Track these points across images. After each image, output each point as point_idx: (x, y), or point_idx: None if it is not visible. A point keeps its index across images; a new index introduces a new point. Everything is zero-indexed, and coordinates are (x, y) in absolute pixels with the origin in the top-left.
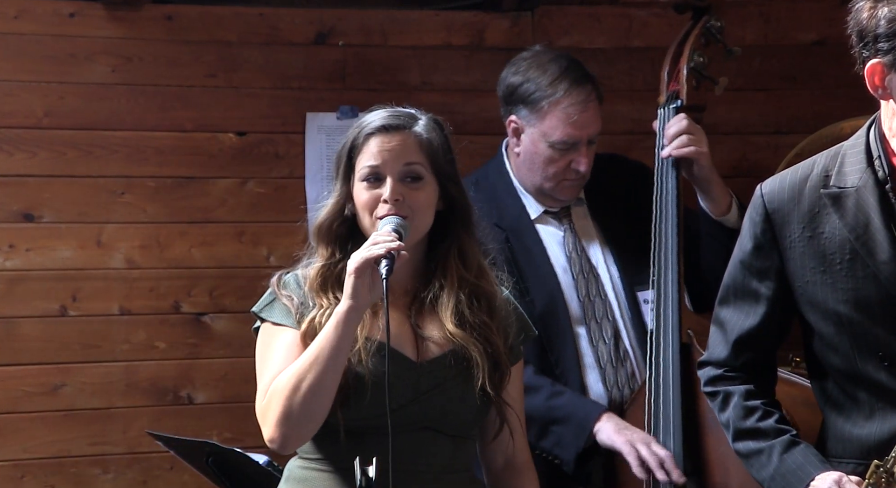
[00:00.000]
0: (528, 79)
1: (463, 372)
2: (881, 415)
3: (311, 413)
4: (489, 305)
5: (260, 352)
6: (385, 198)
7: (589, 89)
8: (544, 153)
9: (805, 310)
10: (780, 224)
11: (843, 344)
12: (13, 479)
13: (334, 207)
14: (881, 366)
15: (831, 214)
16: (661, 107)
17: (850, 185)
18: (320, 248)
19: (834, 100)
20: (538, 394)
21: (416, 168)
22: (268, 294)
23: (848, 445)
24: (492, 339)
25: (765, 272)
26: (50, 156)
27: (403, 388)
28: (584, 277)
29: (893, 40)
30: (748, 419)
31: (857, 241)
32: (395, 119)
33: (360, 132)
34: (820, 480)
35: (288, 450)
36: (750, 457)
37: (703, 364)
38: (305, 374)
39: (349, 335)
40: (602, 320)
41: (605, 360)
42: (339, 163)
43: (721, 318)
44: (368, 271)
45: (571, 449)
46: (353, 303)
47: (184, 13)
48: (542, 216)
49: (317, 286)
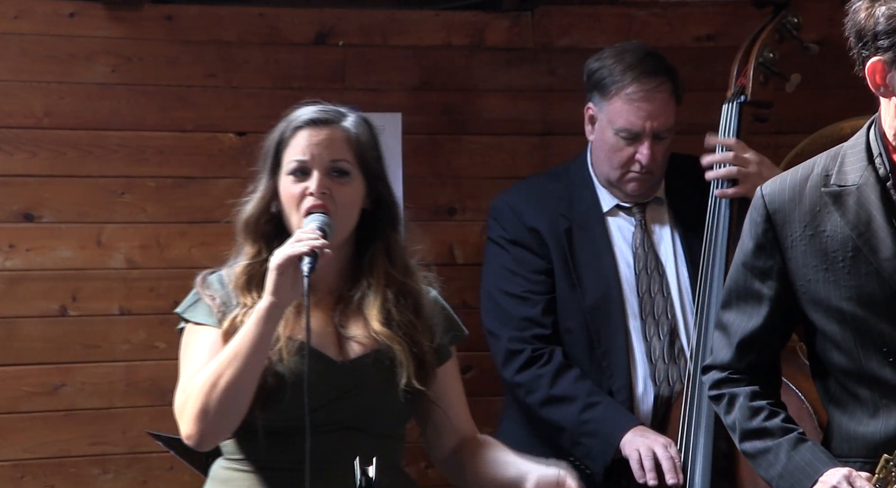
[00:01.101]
0: (604, 65)
1: (386, 371)
2: (886, 412)
3: (228, 410)
4: (416, 304)
5: (182, 351)
6: (311, 191)
7: (660, 81)
8: (610, 141)
9: (808, 309)
10: (781, 224)
11: (846, 341)
12: (13, 479)
13: (260, 203)
14: (886, 363)
15: (832, 213)
16: (726, 101)
17: (850, 184)
18: (246, 246)
19: (834, 100)
20: (573, 406)
21: (343, 163)
22: (191, 294)
23: (853, 444)
24: (417, 338)
25: (767, 272)
26: (50, 156)
27: (324, 388)
28: (647, 273)
29: (893, 37)
30: (754, 419)
31: (860, 239)
32: (323, 114)
33: (287, 126)
34: (829, 475)
35: (205, 447)
36: (757, 457)
37: (707, 368)
38: (224, 371)
39: (270, 332)
40: (660, 317)
41: (657, 356)
42: (265, 158)
43: (724, 321)
44: (291, 268)
45: (599, 461)
46: (275, 299)
47: (184, 13)
48: (613, 209)
49: (242, 284)
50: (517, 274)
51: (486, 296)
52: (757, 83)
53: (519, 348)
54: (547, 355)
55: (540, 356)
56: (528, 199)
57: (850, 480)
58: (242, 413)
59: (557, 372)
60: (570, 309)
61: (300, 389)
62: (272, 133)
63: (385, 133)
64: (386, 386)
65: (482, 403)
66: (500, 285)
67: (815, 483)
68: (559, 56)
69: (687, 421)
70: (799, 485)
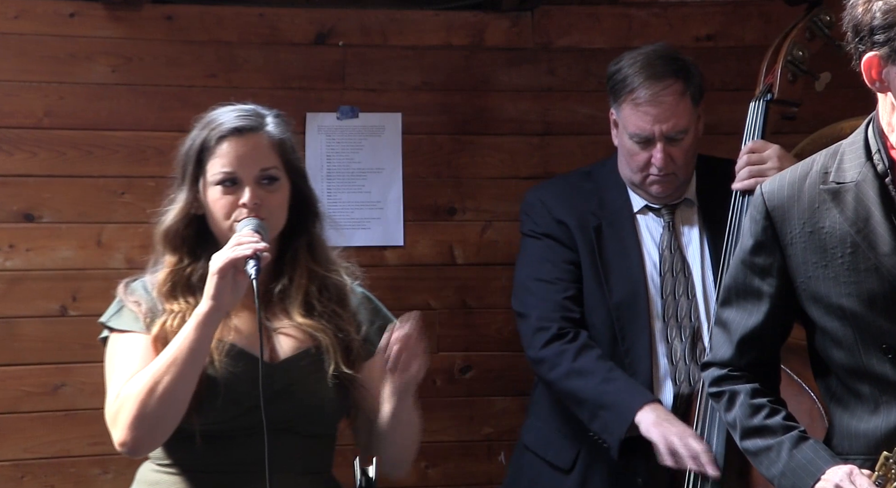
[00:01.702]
0: (618, 70)
1: (316, 365)
2: (886, 409)
3: (166, 416)
4: (339, 295)
5: (109, 359)
6: (244, 203)
7: (668, 83)
8: (627, 145)
9: (808, 306)
10: (780, 221)
11: (846, 338)
12: (13, 479)
13: (182, 212)
14: (886, 359)
15: (831, 209)
16: (754, 99)
17: (849, 180)
18: (167, 254)
19: (834, 100)
20: (593, 377)
21: (272, 171)
22: (115, 303)
23: (854, 441)
24: (343, 326)
25: (767, 270)
26: (50, 156)
27: (256, 389)
28: (672, 275)
29: (889, 31)
30: (755, 417)
31: (859, 235)
32: (246, 120)
33: (210, 134)
34: (831, 473)
35: (139, 454)
36: (759, 455)
37: (706, 365)
38: (162, 377)
39: (209, 336)
40: (683, 319)
41: (678, 357)
42: (185, 166)
43: (724, 319)
44: (231, 272)
45: (615, 435)
46: (215, 303)
47: (184, 13)
48: (643, 209)
49: (166, 291)
50: (548, 260)
51: (518, 284)
52: (785, 81)
53: (546, 325)
54: (573, 333)
55: (566, 333)
56: (559, 195)
57: (852, 478)
58: (179, 419)
59: (581, 348)
60: (596, 305)
61: (233, 392)
62: (190, 139)
63: (385, 133)
64: (317, 382)
65: (482, 403)
66: (531, 273)
67: (818, 481)
68: (559, 56)
69: (701, 420)
70: (801, 483)
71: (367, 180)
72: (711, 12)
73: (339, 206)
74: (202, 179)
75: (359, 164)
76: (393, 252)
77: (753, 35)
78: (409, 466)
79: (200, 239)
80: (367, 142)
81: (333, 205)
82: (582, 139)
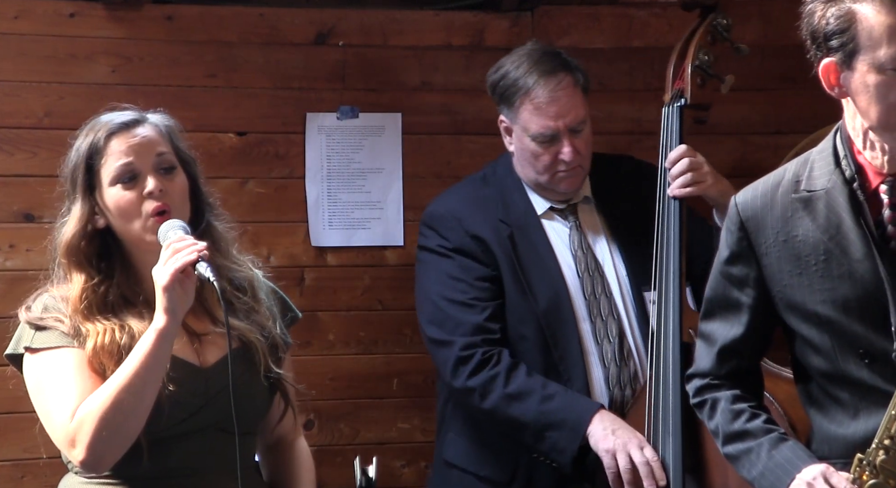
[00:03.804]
0: (503, 76)
1: (247, 365)
2: (865, 414)
3: (129, 432)
4: (252, 289)
5: (39, 379)
6: (149, 191)
7: (560, 77)
8: (529, 147)
9: (785, 315)
10: (754, 231)
11: (824, 344)
12: (13, 479)
13: (80, 225)
14: (863, 364)
15: (804, 218)
16: (665, 105)
17: (819, 188)
18: (74, 273)
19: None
20: (530, 399)
21: (167, 157)
22: (28, 327)
23: (833, 445)
24: (263, 322)
25: (744, 280)
26: (50, 156)
27: (194, 395)
28: (589, 275)
29: (842, 36)
30: (736, 421)
31: (831, 242)
32: (128, 116)
33: (97, 136)
34: (806, 472)
35: (102, 470)
36: (740, 458)
37: (689, 377)
38: (124, 394)
39: (167, 352)
40: (607, 318)
41: (609, 359)
42: (75, 176)
43: (706, 332)
44: (178, 284)
45: (567, 453)
46: (171, 318)
47: (184, 13)
48: (548, 212)
49: (84, 311)
50: (461, 280)
51: (429, 304)
52: (695, 86)
53: (470, 353)
54: (496, 356)
55: (490, 358)
56: (468, 206)
57: (827, 476)
58: (138, 432)
59: (509, 370)
60: (523, 315)
61: (173, 401)
62: (74, 150)
63: (385, 133)
64: (250, 380)
65: None
66: (443, 293)
67: (793, 479)
68: None
69: (653, 424)
70: (779, 482)
71: (367, 180)
72: None
73: (339, 206)
74: (98, 187)
75: (359, 164)
76: (393, 252)
77: (753, 35)
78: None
79: (106, 252)
80: (367, 142)
81: (333, 205)
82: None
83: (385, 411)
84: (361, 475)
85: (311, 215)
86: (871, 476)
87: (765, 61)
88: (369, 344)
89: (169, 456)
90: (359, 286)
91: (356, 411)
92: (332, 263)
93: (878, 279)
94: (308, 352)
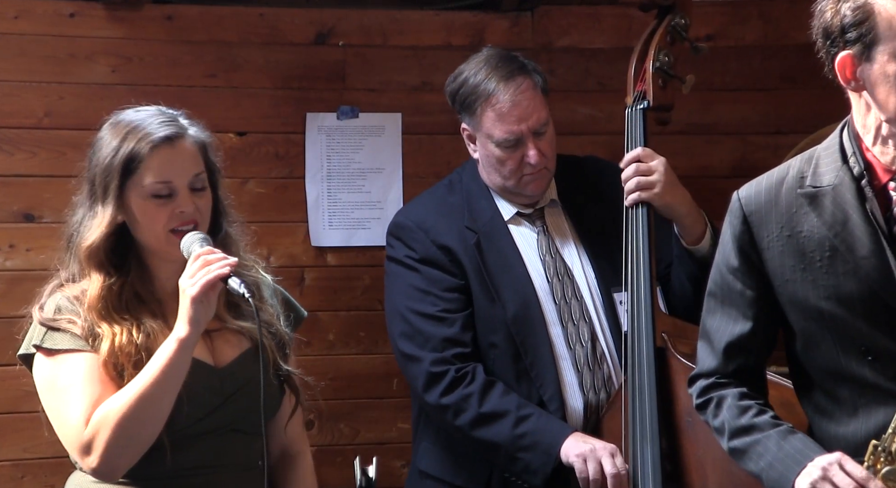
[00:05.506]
0: (462, 84)
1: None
2: (865, 412)
3: (144, 441)
4: (259, 292)
5: (53, 381)
6: (182, 211)
7: (519, 81)
8: (494, 153)
9: (787, 310)
10: (757, 225)
11: (825, 341)
12: (13, 479)
13: (106, 227)
14: (864, 361)
15: (809, 213)
16: (628, 107)
17: (826, 184)
18: (94, 273)
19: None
20: (504, 420)
21: (202, 177)
22: (39, 327)
23: (834, 444)
24: (270, 321)
25: (747, 275)
26: (50, 156)
27: (210, 395)
28: (559, 279)
29: (860, 28)
30: (743, 416)
31: (836, 238)
32: (171, 126)
33: (139, 145)
34: (820, 459)
35: (114, 479)
36: (747, 451)
37: (693, 379)
38: (142, 404)
39: (187, 361)
40: (579, 322)
41: (581, 363)
42: (108, 179)
43: (708, 329)
44: (204, 296)
45: (539, 475)
46: (194, 328)
47: (184, 13)
48: (515, 217)
49: (101, 311)
50: (430, 293)
51: (398, 318)
52: (657, 87)
53: (442, 370)
54: (470, 374)
55: (464, 376)
56: (435, 215)
57: (842, 463)
58: (154, 439)
59: (484, 389)
60: (493, 323)
61: (192, 402)
62: (110, 149)
63: (385, 133)
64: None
65: None
66: (412, 306)
67: (804, 468)
68: (559, 56)
69: (631, 430)
70: (788, 471)
71: (367, 180)
72: (711, 12)
73: (339, 206)
74: (129, 194)
75: (359, 164)
76: None
77: (753, 35)
78: None
79: (121, 249)
80: (367, 142)
81: (333, 205)
82: (582, 139)
83: (385, 411)
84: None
85: (311, 215)
86: (885, 462)
87: (765, 61)
88: (369, 344)
89: (185, 455)
90: (359, 286)
91: (356, 411)
92: (332, 263)
93: (886, 276)
94: (308, 352)
